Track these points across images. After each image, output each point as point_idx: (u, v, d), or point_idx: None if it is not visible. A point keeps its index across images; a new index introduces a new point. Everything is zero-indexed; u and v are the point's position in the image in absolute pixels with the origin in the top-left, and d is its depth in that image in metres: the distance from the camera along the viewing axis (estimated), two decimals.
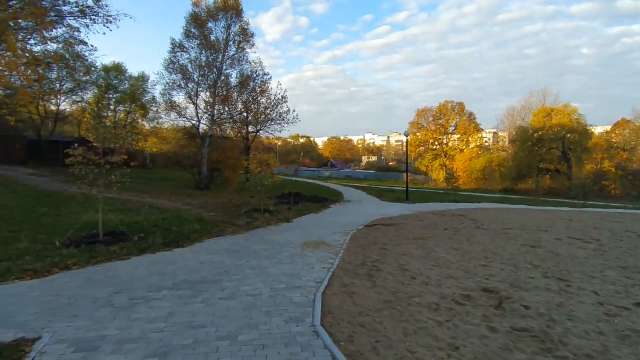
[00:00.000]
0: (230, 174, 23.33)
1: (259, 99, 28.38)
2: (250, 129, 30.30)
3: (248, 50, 25.27)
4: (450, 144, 52.00)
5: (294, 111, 29.25)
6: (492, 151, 56.84)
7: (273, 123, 29.09)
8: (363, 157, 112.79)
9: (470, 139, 50.92)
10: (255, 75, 26.67)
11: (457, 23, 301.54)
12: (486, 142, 62.86)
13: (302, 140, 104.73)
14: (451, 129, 51.77)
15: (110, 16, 12.96)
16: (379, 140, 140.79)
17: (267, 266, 6.20)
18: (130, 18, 18.06)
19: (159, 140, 38.07)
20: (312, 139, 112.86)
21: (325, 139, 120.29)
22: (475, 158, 48.40)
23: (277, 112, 28.79)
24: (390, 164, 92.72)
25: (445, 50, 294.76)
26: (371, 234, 10.18)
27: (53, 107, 34.92)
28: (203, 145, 22.81)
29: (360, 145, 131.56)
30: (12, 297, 4.41)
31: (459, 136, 51.36)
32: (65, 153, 7.40)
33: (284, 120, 28.84)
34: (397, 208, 17.71)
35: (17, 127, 23.88)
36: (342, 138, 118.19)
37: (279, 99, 28.63)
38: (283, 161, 61.31)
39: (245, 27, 24.61)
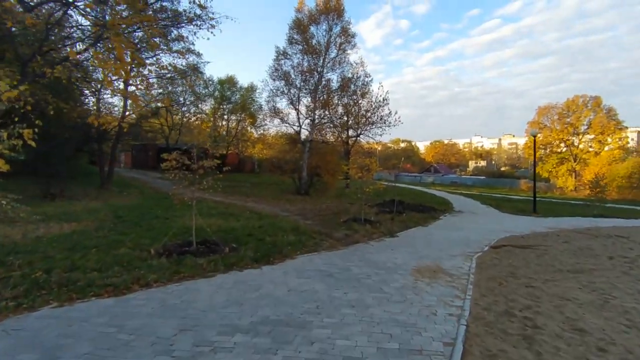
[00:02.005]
0: (329, 179, 22.67)
1: (360, 101, 27.32)
2: (351, 132, 29.40)
3: (349, 51, 24.49)
4: (581, 146, 43.34)
5: (396, 113, 27.39)
6: (637, 154, 45.74)
7: (374, 126, 27.72)
8: (470, 162, 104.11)
9: (610, 139, 41.57)
10: (355, 78, 25.71)
11: (584, 6, 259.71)
12: (629, 142, 51.17)
13: (402, 145, 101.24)
14: (583, 128, 43.08)
15: (213, 19, 13.27)
16: (487, 143, 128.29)
17: (370, 304, 4.69)
18: (232, 20, 18.75)
19: (265, 146, 40.07)
20: (413, 143, 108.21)
21: (427, 142, 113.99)
22: (616, 162, 39.31)
23: (377, 115, 27.37)
24: (502, 168, 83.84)
25: (568, 39, 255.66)
26: (503, 259, 7.87)
27: (178, 118, 39.50)
28: (304, 150, 22.65)
29: (467, 149, 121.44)
30: (75, 324, 3.80)
31: (593, 136, 42.43)
32: (160, 158, 7.13)
33: (385, 122, 27.25)
34: (523, 222, 14.57)
35: (148, 137, 27.20)
36: (445, 141, 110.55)
37: (379, 101, 27.16)
38: (383, 166, 59.39)
39: (347, 27, 23.84)
